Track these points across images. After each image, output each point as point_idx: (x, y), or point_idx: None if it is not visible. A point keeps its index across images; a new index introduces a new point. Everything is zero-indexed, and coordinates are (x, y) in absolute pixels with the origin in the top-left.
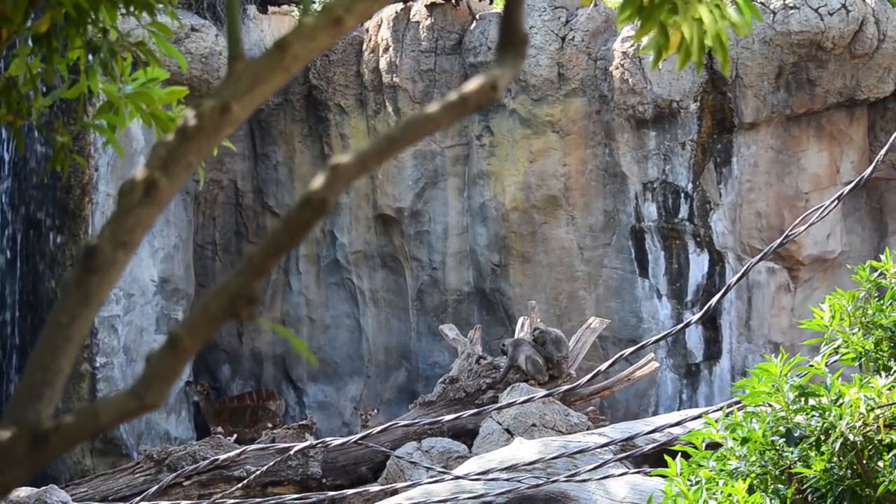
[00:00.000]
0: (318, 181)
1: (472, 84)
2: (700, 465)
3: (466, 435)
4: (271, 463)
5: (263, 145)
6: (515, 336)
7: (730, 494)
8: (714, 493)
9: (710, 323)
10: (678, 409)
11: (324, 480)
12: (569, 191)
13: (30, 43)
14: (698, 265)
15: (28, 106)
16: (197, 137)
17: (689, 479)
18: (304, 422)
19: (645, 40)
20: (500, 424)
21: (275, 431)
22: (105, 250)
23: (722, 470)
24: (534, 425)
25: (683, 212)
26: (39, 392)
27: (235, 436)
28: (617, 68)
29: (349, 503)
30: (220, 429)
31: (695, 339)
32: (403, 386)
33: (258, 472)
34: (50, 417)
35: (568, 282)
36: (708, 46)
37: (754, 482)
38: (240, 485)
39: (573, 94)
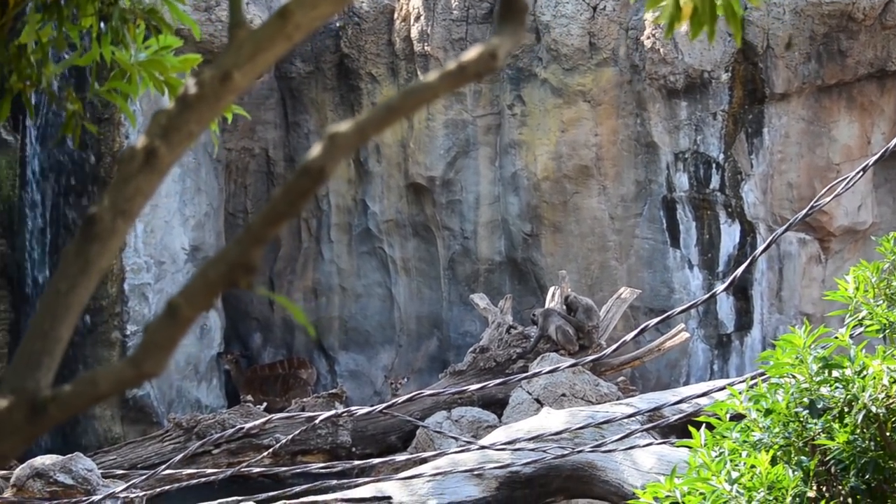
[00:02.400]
0: (315, 150)
1: (472, 53)
2: (724, 437)
3: (496, 404)
4: (297, 432)
5: (295, 114)
6: (546, 306)
7: (753, 466)
8: (737, 465)
9: (742, 293)
10: (709, 380)
11: (353, 449)
12: (600, 160)
13: (40, 11)
14: (730, 235)
15: (38, 74)
16: (198, 106)
17: (712, 451)
18: (333, 390)
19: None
20: (530, 394)
21: (304, 400)
22: (105, 219)
23: (745, 441)
24: (563, 395)
25: (715, 182)
26: (38, 360)
27: (265, 404)
28: (648, 38)
29: (378, 472)
30: (249, 397)
31: (726, 309)
32: (435, 355)
33: (285, 441)
34: (48, 386)
35: (599, 252)
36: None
37: (777, 454)
38: (267, 452)
39: (604, 64)
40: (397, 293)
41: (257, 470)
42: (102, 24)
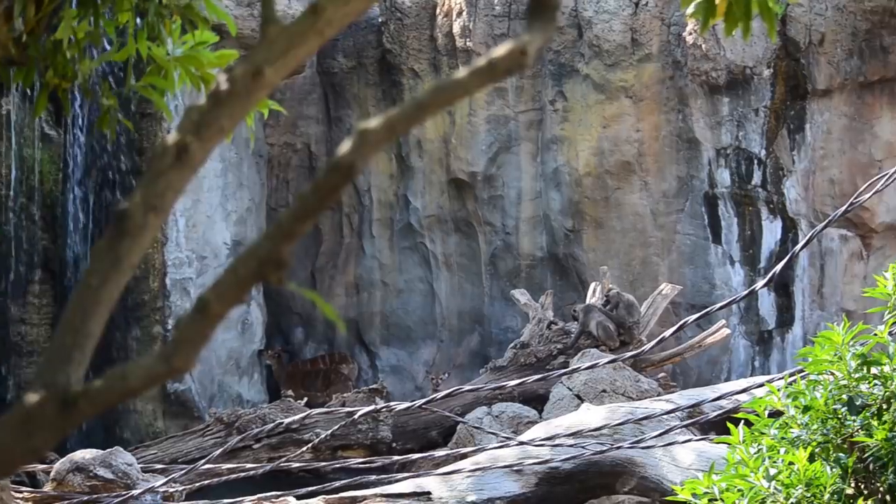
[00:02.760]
0: (346, 146)
1: (502, 49)
2: (762, 433)
3: (537, 400)
4: (336, 427)
5: (337, 109)
6: (587, 302)
7: (791, 463)
8: (775, 462)
9: (783, 290)
10: (750, 377)
11: (394, 444)
12: (642, 156)
13: (76, 7)
14: (771, 232)
15: (74, 69)
16: (229, 102)
17: (751, 447)
18: (374, 386)
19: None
20: (571, 390)
21: (345, 395)
22: (136, 214)
23: (783, 438)
24: (604, 391)
25: (757, 178)
26: (69, 355)
27: (306, 399)
28: (690, 34)
29: (418, 467)
30: (290, 392)
31: (767, 306)
32: (476, 350)
33: (324, 436)
34: (79, 381)
35: (641, 248)
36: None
37: (815, 450)
38: (306, 447)
39: (646, 60)
40: (439, 289)
41: (296, 465)
42: (139, 20)
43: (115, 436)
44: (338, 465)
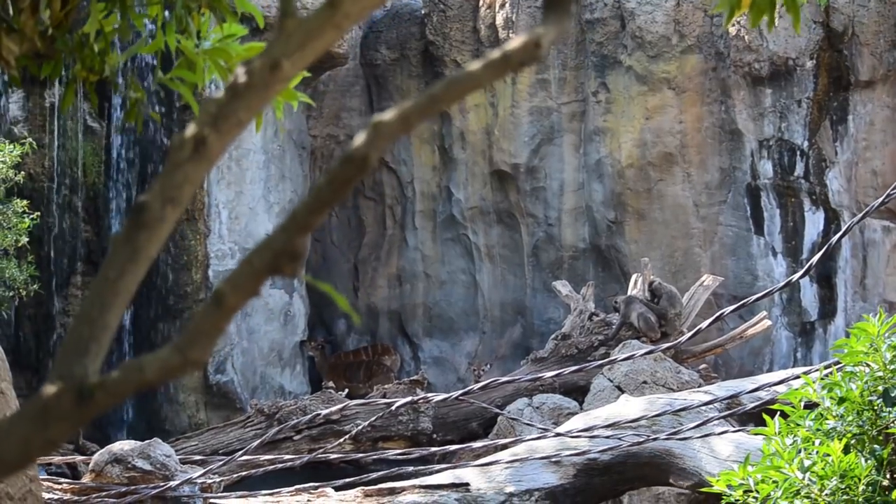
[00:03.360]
0: (359, 138)
1: (516, 42)
2: (798, 425)
3: (578, 392)
4: (373, 418)
5: (380, 100)
6: (628, 293)
7: (825, 454)
8: (810, 453)
9: (826, 281)
10: (793, 368)
11: (434, 436)
12: (685, 148)
13: (103, 0)
14: (814, 223)
15: (101, 62)
16: (247, 95)
17: (786, 439)
18: (414, 377)
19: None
20: (612, 381)
21: (385, 387)
22: (154, 206)
23: (819, 429)
24: (644, 382)
25: (799, 169)
26: (86, 347)
27: (347, 390)
28: (733, 25)
29: (458, 458)
30: (331, 383)
31: (810, 297)
32: (519, 342)
33: (362, 427)
34: (96, 372)
35: (683, 239)
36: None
37: (851, 442)
38: (344, 438)
39: (689, 51)
40: (481, 280)
41: (334, 456)
42: (167, 13)
43: (158, 427)
44: (375, 456)
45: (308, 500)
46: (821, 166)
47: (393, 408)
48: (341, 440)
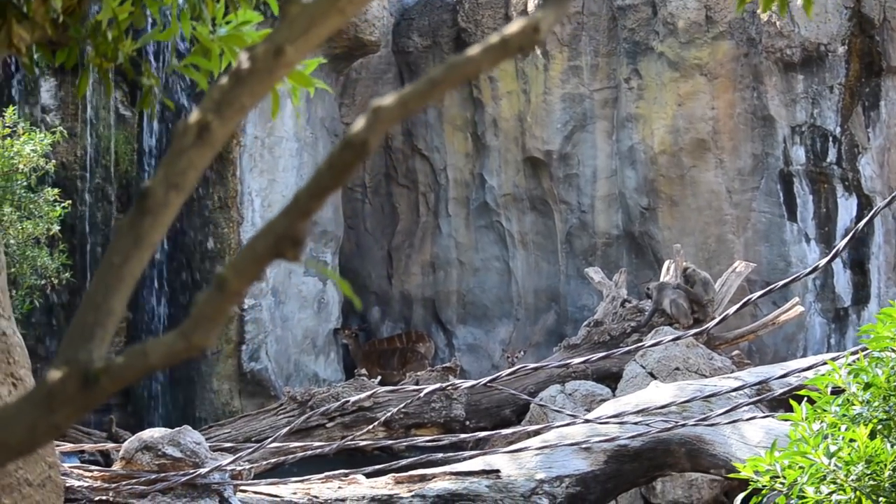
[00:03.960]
0: (359, 123)
1: (514, 26)
2: (824, 410)
3: (610, 378)
4: (402, 405)
5: None
6: (661, 279)
7: (851, 440)
8: (836, 439)
9: (859, 267)
10: (825, 354)
11: (467, 423)
12: (717, 134)
13: None
14: (847, 209)
15: (115, 49)
16: (250, 80)
17: (813, 425)
18: (447, 364)
19: None
20: (644, 368)
21: (418, 374)
22: (157, 192)
23: (845, 415)
24: (677, 369)
25: (832, 155)
26: (91, 332)
27: (380, 378)
28: (765, 11)
29: (491, 445)
30: (363, 370)
31: (843, 283)
32: (552, 329)
33: (391, 414)
34: (101, 358)
35: (716, 225)
36: None
37: (877, 427)
38: (373, 425)
39: (721, 38)
40: (515, 267)
41: (363, 442)
42: (181, 0)
43: (192, 415)
44: (410, 444)
45: (339, 487)
46: (853, 152)
47: (421, 395)
48: (370, 427)
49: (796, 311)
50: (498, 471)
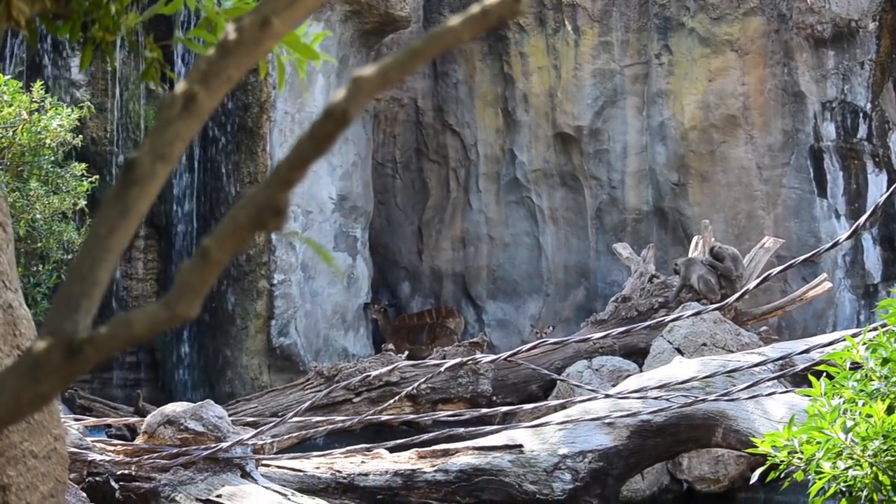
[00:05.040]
0: (340, 94)
1: None
2: (843, 386)
3: (638, 354)
4: (423, 380)
5: (443, 64)
6: (689, 255)
7: (868, 415)
8: (854, 414)
9: (889, 243)
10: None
11: (493, 398)
12: (748, 110)
13: None
14: (877, 185)
15: (117, 22)
16: (237, 52)
17: (832, 400)
18: (474, 339)
19: None
20: (671, 344)
21: (445, 349)
22: (144, 163)
23: (862, 391)
24: (704, 345)
25: (862, 131)
26: (77, 303)
27: (407, 353)
28: None
29: (518, 420)
30: (390, 345)
31: (873, 259)
32: (582, 304)
33: (413, 388)
34: (87, 328)
35: (746, 201)
36: None
37: (894, 403)
38: (394, 399)
39: (752, 13)
40: (545, 242)
41: (385, 417)
42: None
43: (221, 390)
44: (436, 418)
45: (362, 462)
46: (884, 128)
47: (442, 369)
48: (391, 401)
49: (824, 286)
50: (521, 446)
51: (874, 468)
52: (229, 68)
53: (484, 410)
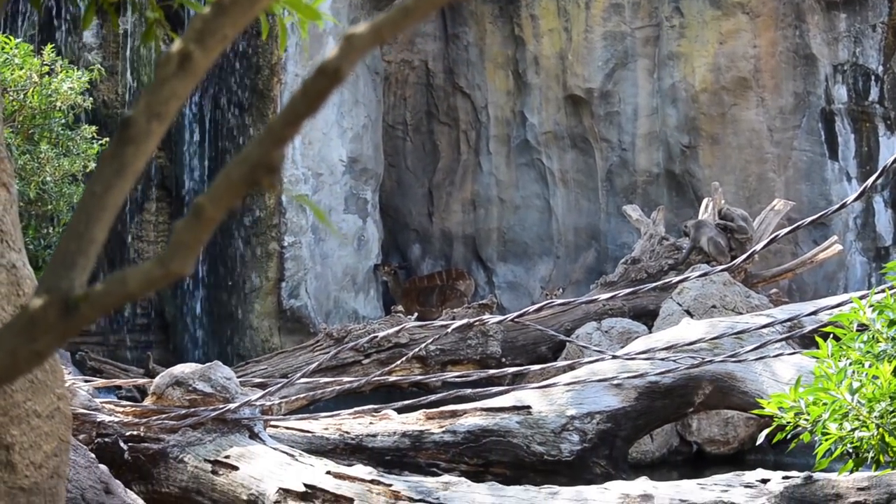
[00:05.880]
0: (333, 51)
1: None
2: (849, 347)
3: (647, 315)
4: (430, 341)
5: (454, 26)
6: (699, 217)
7: (875, 377)
8: (860, 375)
9: None
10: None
11: (503, 359)
12: (759, 72)
13: None
14: (888, 148)
15: None
16: (232, 10)
17: (839, 361)
18: (483, 301)
19: None
20: (681, 305)
21: (455, 310)
22: (140, 121)
23: (869, 352)
24: (714, 307)
25: (874, 94)
26: (73, 260)
27: (417, 315)
28: None
29: (528, 381)
30: (400, 307)
31: (884, 222)
32: (592, 266)
33: (419, 350)
34: (83, 285)
35: (757, 164)
36: None
37: None
38: (401, 360)
39: None
40: (555, 205)
41: (393, 378)
42: None
43: (232, 352)
44: (444, 380)
45: (370, 423)
46: (895, 91)
47: (450, 329)
48: (398, 362)
49: (834, 249)
50: (529, 407)
51: (880, 429)
52: (224, 27)
53: (492, 372)
